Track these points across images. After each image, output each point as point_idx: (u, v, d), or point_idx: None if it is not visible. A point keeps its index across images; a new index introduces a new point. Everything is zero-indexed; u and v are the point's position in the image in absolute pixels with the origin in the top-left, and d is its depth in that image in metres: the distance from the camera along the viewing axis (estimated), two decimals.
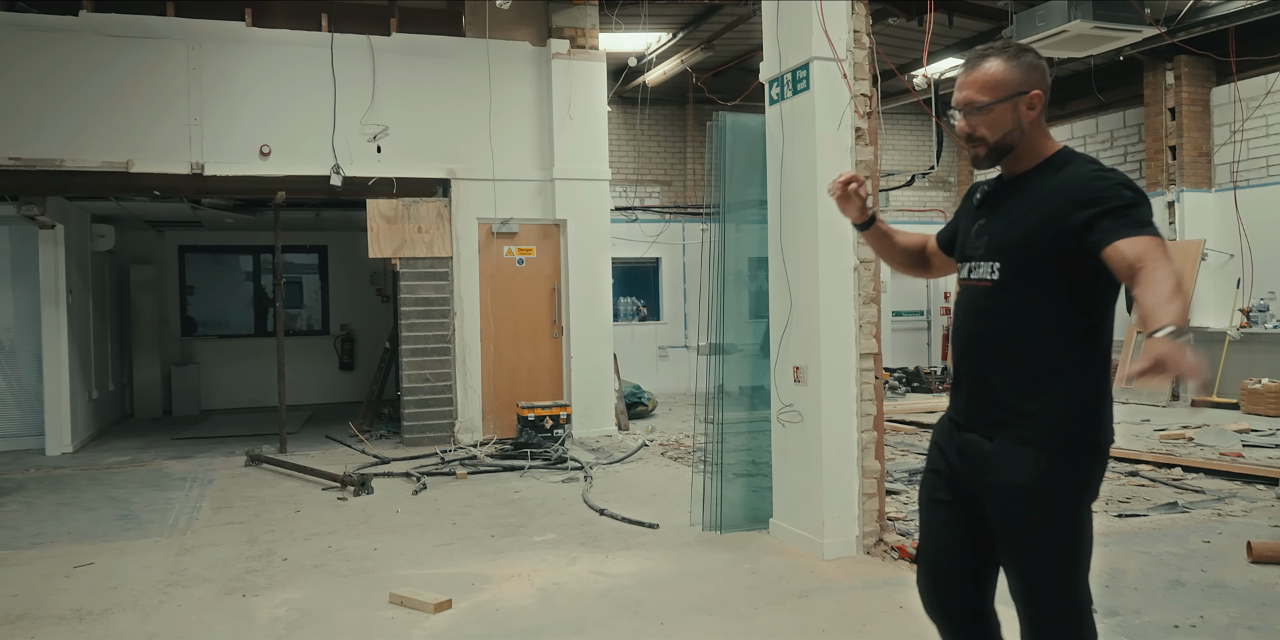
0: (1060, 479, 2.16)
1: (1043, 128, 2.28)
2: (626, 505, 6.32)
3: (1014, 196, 2.28)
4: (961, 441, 2.33)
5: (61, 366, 8.88)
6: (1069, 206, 2.10)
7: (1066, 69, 12.25)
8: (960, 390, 2.37)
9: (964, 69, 2.29)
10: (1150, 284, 1.90)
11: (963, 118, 2.27)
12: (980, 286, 2.30)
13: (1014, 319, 2.22)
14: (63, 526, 6.11)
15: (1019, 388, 2.21)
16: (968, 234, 2.40)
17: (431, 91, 8.94)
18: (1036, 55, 2.28)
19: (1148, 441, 8.41)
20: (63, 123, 8.02)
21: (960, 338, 2.37)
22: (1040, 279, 2.18)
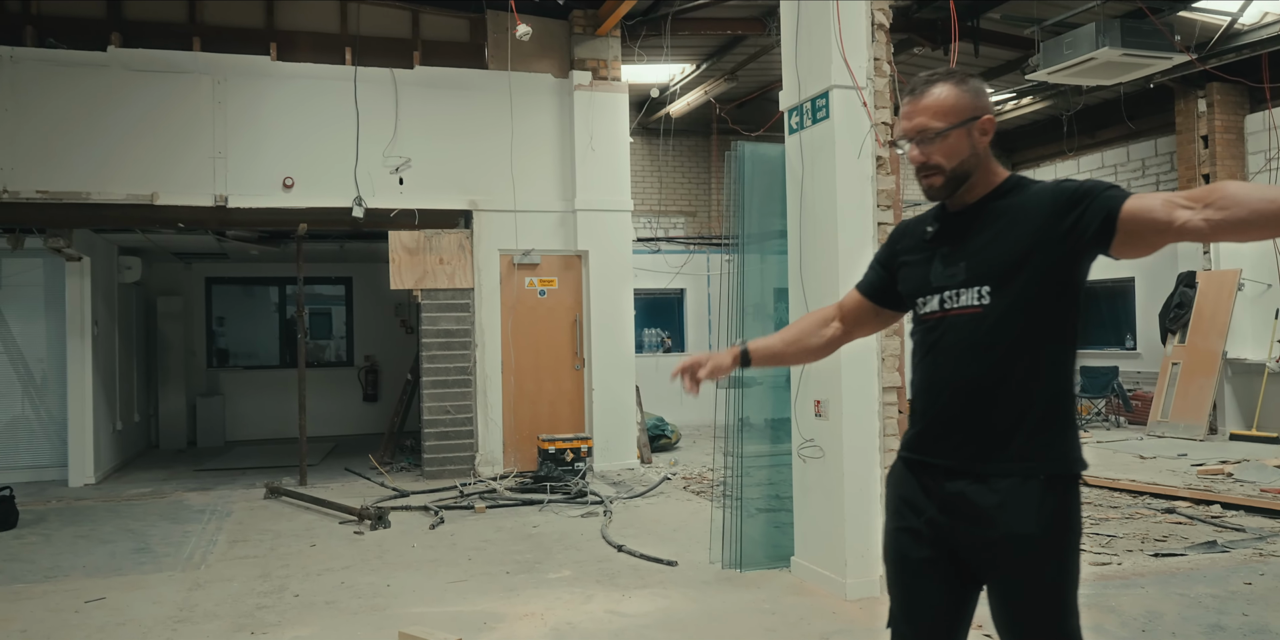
0: (1065, 518, 2.07)
1: (991, 155, 2.19)
2: (645, 541, 6.19)
3: (979, 220, 2.15)
4: (948, 492, 2.13)
5: (85, 397, 8.91)
6: (1051, 216, 2.03)
7: (1096, 97, 12.12)
8: (941, 432, 2.16)
9: (910, 97, 2.18)
10: (1235, 185, 1.84)
11: (915, 147, 2.15)
12: (966, 314, 2.12)
13: (1014, 344, 2.07)
14: (78, 560, 6.07)
15: (1022, 419, 2.07)
16: (925, 268, 2.22)
17: (454, 123, 8.97)
18: (980, 80, 2.21)
19: (1185, 477, 8.18)
20: (89, 156, 8.11)
21: (942, 374, 2.17)
22: (1034, 298, 2.06)
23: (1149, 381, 12.20)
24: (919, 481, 2.21)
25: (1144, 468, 8.74)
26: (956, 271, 2.15)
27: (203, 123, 8.37)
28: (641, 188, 13.45)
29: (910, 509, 2.21)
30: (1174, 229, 1.89)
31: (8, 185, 7.93)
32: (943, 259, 2.19)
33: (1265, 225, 1.79)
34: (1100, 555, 5.63)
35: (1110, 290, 13.41)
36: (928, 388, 2.21)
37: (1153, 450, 9.81)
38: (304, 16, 8.95)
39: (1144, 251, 2.02)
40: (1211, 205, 1.84)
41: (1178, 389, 11.06)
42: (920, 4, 9.51)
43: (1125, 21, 8.05)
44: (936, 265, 2.20)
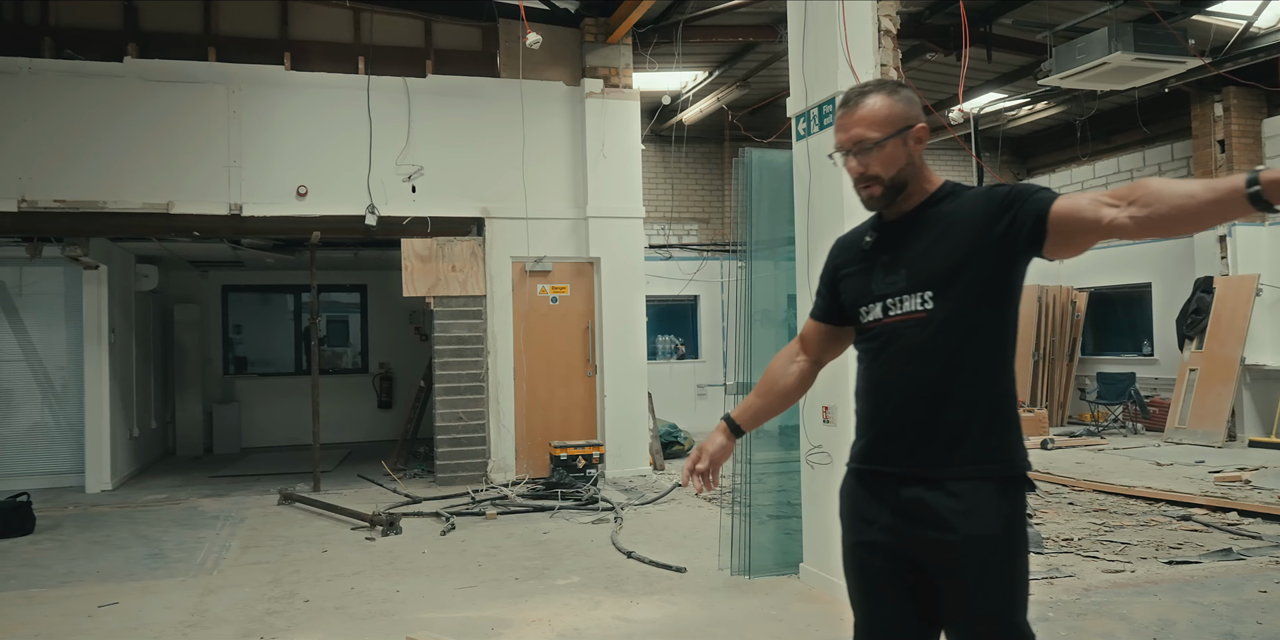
0: (1020, 517, 2.11)
1: (925, 163, 2.23)
2: (655, 547, 6.19)
3: (917, 227, 2.18)
4: (903, 499, 2.13)
5: (102, 404, 8.99)
6: (986, 221, 2.07)
7: (1111, 102, 12.06)
8: (892, 439, 2.17)
9: (844, 108, 2.20)
10: (1157, 181, 1.87)
11: (853, 158, 2.17)
12: (910, 320, 2.14)
13: (959, 348, 2.09)
14: (93, 565, 6.12)
15: (970, 422, 2.09)
16: (866, 277, 2.25)
17: (466, 131, 9.02)
18: (910, 90, 2.23)
19: (1202, 484, 8.12)
20: (105, 166, 8.20)
21: (888, 380, 2.18)
22: (975, 299, 2.09)
23: (1166, 388, 12.11)
24: (870, 491, 2.21)
25: (1160, 475, 8.67)
26: (898, 279, 2.17)
27: (217, 132, 8.45)
28: (655, 194, 13.47)
29: (864, 521, 2.22)
30: (1102, 227, 1.93)
31: (26, 194, 8.02)
32: (883, 267, 2.21)
33: (1186, 220, 1.84)
34: (1114, 563, 5.58)
35: (1127, 296, 13.32)
36: (875, 394, 2.22)
37: (1170, 457, 9.73)
38: (317, 26, 9.03)
39: (1075, 251, 2.06)
40: (1136, 203, 1.88)
41: (1195, 395, 10.97)
42: (932, 10, 9.50)
43: (1138, 26, 8.01)
44: (878, 274, 2.22)
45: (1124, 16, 8.68)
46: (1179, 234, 1.89)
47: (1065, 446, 10.84)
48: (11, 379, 9.38)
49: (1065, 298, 13.45)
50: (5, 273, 9.30)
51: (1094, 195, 1.96)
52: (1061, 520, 6.86)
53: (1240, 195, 1.71)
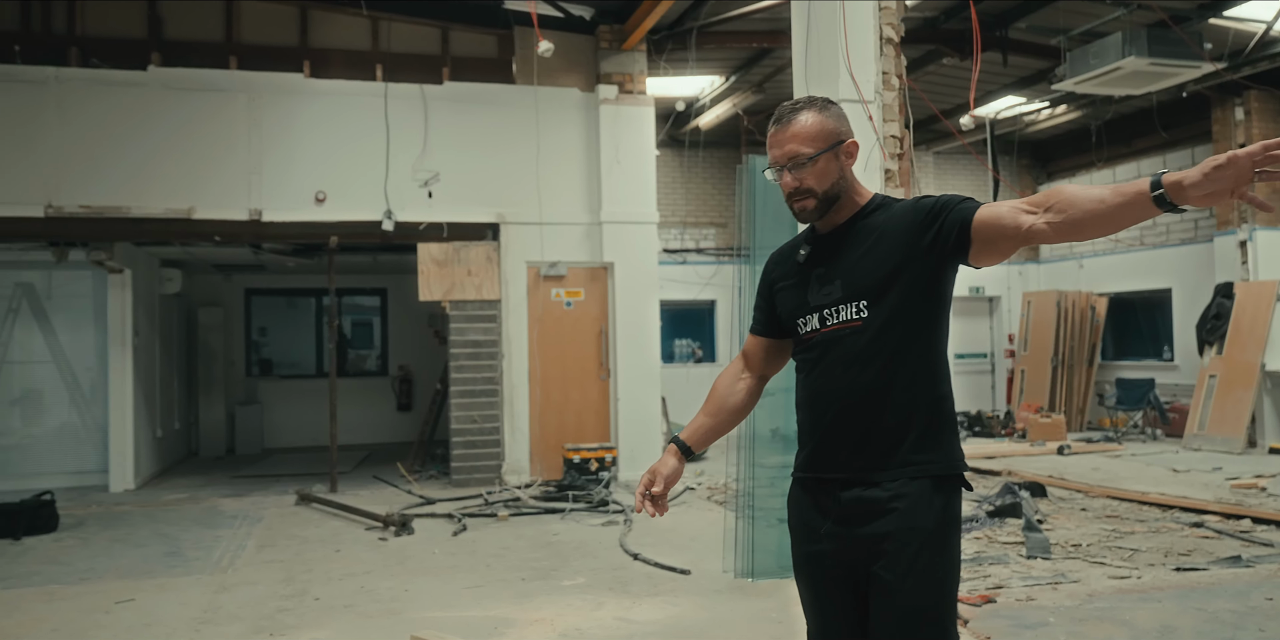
0: (952, 515, 2.17)
1: (855, 177, 2.31)
2: (662, 550, 6.25)
3: (849, 239, 2.26)
4: (844, 501, 2.20)
5: (126, 405, 9.17)
6: (914, 229, 2.15)
7: (1130, 106, 12.00)
8: (832, 446, 2.23)
9: (777, 125, 2.26)
10: (1071, 187, 1.94)
11: (787, 173, 2.23)
12: (846, 329, 2.21)
13: (894, 354, 2.17)
14: (112, 562, 6.26)
15: (908, 426, 2.17)
16: (803, 289, 2.31)
17: (481, 137, 9.13)
18: (839, 106, 2.31)
19: (1217, 491, 8.07)
20: (129, 172, 8.37)
21: (826, 389, 2.24)
22: (908, 307, 2.17)
23: (1186, 394, 12.02)
24: (813, 499, 2.27)
25: (1176, 481, 8.63)
26: (833, 289, 2.24)
27: (238, 139, 8.60)
28: (671, 199, 13.53)
29: (809, 530, 2.27)
30: (1021, 234, 2.01)
31: (52, 200, 8.21)
32: (818, 279, 2.27)
33: (1098, 224, 1.92)
34: (1120, 568, 5.58)
35: (1148, 301, 13.24)
36: (814, 403, 2.27)
37: (1187, 463, 9.67)
38: (337, 35, 9.17)
39: (998, 257, 2.13)
40: (1051, 209, 1.96)
41: (1215, 401, 10.89)
42: (947, 15, 9.52)
43: (1152, 30, 8.00)
44: (813, 285, 2.28)
45: (1139, 21, 8.66)
46: (1094, 237, 1.97)
47: (1082, 452, 10.79)
48: (41, 380, 9.59)
49: (1085, 303, 13.38)
50: (34, 276, 9.51)
51: (1013, 203, 2.04)
52: (1072, 526, 6.86)
53: (1146, 198, 1.78)
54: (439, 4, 9.35)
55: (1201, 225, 12.24)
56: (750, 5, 8.75)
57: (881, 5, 4.80)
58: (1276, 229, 11.12)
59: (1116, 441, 11.60)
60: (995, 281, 14.65)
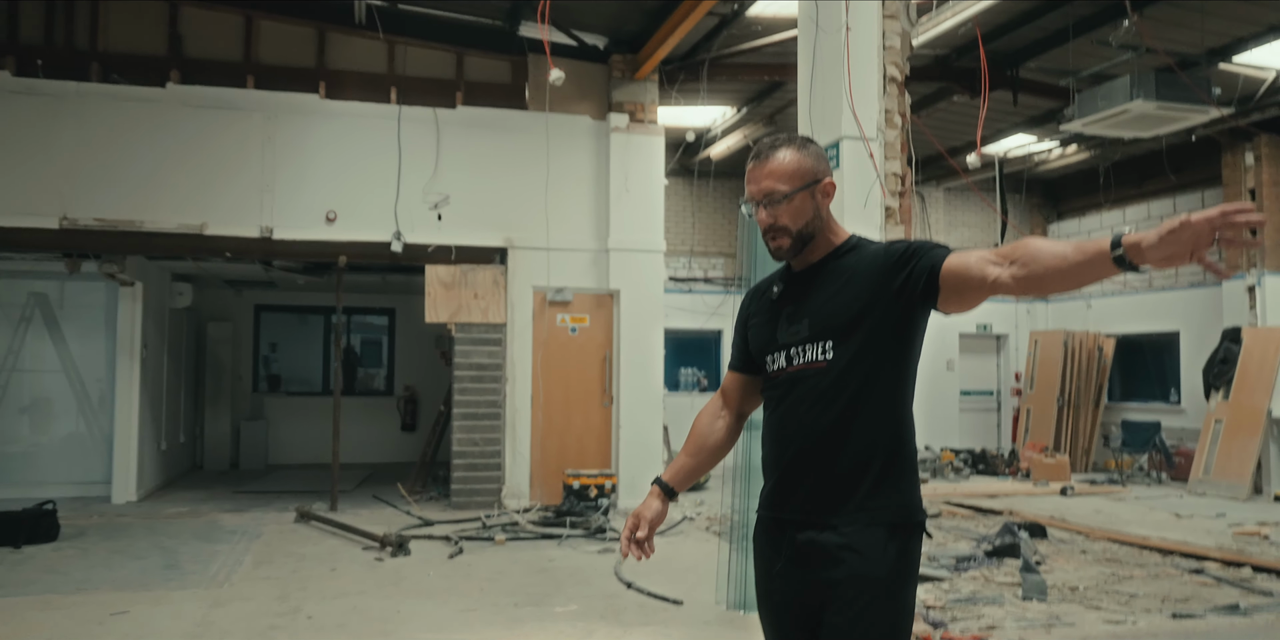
0: (906, 563, 2.15)
1: (832, 216, 2.30)
2: (657, 579, 6.23)
3: (820, 279, 2.25)
4: (799, 543, 2.17)
5: (131, 417, 9.24)
6: (884, 273, 2.14)
7: (1142, 147, 12.03)
8: (790, 485, 2.22)
9: (755, 161, 2.26)
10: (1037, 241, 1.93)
11: (762, 209, 2.23)
12: (811, 369, 2.20)
13: (856, 397, 2.15)
14: (110, 573, 6.29)
15: (866, 469, 2.15)
16: (773, 327, 2.31)
17: (492, 162, 9.23)
18: (818, 145, 2.31)
19: (1219, 537, 8.01)
20: (143, 186, 8.50)
21: (788, 427, 2.23)
22: (873, 351, 2.16)
23: (1192, 438, 11.95)
24: (770, 538, 2.27)
25: (1179, 526, 8.57)
26: (800, 328, 2.23)
27: (252, 157, 8.73)
28: (680, 228, 13.61)
29: (767, 567, 2.26)
30: (987, 284, 1.99)
31: (67, 212, 8.33)
32: (788, 317, 2.27)
33: (1058, 281, 1.91)
34: (1116, 614, 5.55)
35: (1155, 344, 13.21)
36: (776, 442, 2.26)
37: (1191, 509, 9.60)
38: (353, 57, 9.33)
39: (966, 306, 2.12)
40: (1016, 262, 1.94)
41: (1220, 447, 10.83)
42: (958, 53, 9.60)
43: (1161, 74, 8.04)
44: (782, 323, 2.28)
45: (1148, 64, 8.72)
46: (1057, 292, 1.98)
47: (1085, 494, 10.73)
48: (50, 389, 9.66)
49: (1092, 343, 13.35)
50: (48, 286, 9.62)
51: (982, 253, 2.03)
52: (1071, 569, 6.81)
53: (1106, 257, 1.78)
54: (455, 29, 9.52)
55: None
56: (761, 39, 8.86)
57: (885, 45, 4.87)
58: None
59: (1121, 484, 11.53)
60: (1003, 319, 14.65)
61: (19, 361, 9.54)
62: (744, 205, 2.31)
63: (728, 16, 8.64)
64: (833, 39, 4.89)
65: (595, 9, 8.92)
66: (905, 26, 5.09)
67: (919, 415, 2.32)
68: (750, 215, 2.29)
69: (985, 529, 8.17)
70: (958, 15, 7.72)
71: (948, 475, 12.20)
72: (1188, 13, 8.19)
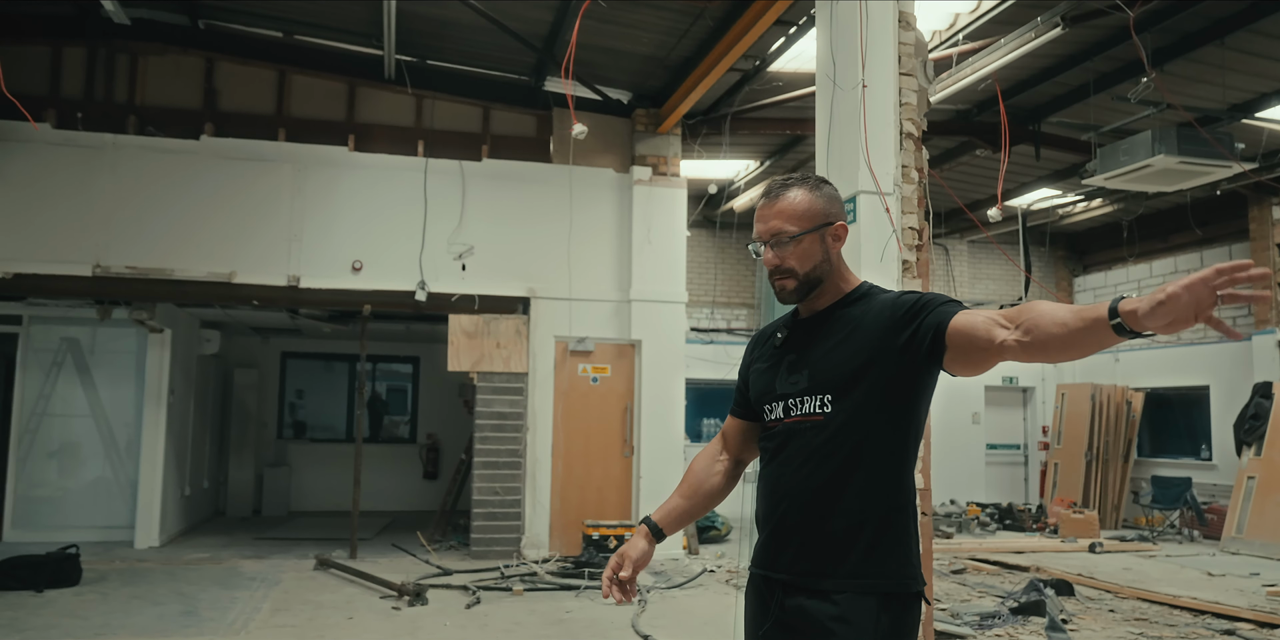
0: (898, 636, 2.03)
1: (844, 261, 2.21)
2: (675, 632, 6.17)
3: (825, 328, 2.15)
4: (787, 607, 2.07)
5: (156, 462, 9.32)
6: (890, 326, 2.04)
7: (1167, 201, 12.02)
8: (780, 544, 2.12)
9: (765, 199, 2.18)
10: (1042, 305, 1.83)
11: (769, 250, 2.14)
12: (807, 422, 2.10)
13: (853, 455, 2.05)
14: (128, 619, 6.31)
15: (859, 532, 2.04)
16: (773, 375, 2.21)
17: (516, 213, 9.37)
18: (833, 187, 2.22)
19: (1252, 597, 7.81)
20: (175, 235, 8.69)
21: (782, 483, 2.13)
22: (873, 408, 2.05)
23: (1225, 494, 11.72)
24: (759, 597, 2.17)
25: (1210, 586, 8.37)
26: (799, 379, 2.13)
27: (281, 207, 8.91)
28: (703, 279, 13.68)
29: (754, 627, 2.18)
30: (994, 347, 1.88)
31: (100, 260, 8.52)
32: (789, 366, 2.17)
33: (1061, 348, 1.79)
34: None
35: (1185, 398, 13.03)
36: (769, 496, 2.17)
37: (1223, 568, 9.38)
38: (381, 110, 9.55)
39: (972, 369, 1.99)
40: (1020, 327, 1.84)
41: (1254, 504, 10.60)
42: (980, 108, 9.69)
43: (1183, 129, 8.05)
44: (783, 372, 2.18)
45: (1170, 119, 8.76)
46: (1063, 360, 1.86)
47: (1115, 551, 10.52)
48: (79, 434, 9.77)
49: (1120, 397, 13.19)
50: (80, 332, 9.79)
51: (991, 314, 1.92)
52: (1098, 628, 6.67)
53: (1105, 325, 1.68)
54: (481, 84, 9.74)
55: (1240, 323, 12.11)
56: (783, 94, 8.99)
57: (902, 102, 4.94)
58: None
59: (1151, 541, 11.30)
60: (1029, 372, 14.52)
61: (49, 406, 9.67)
62: (751, 245, 2.22)
63: (749, 72, 8.79)
64: (849, 96, 4.97)
65: (619, 65, 9.11)
66: (922, 83, 5.17)
67: (944, 469, 2.24)
68: (757, 255, 2.19)
69: (1011, 586, 8.02)
70: (978, 72, 7.81)
71: (973, 530, 12.01)
72: (1208, 69, 8.25)
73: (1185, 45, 7.88)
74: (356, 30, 9.02)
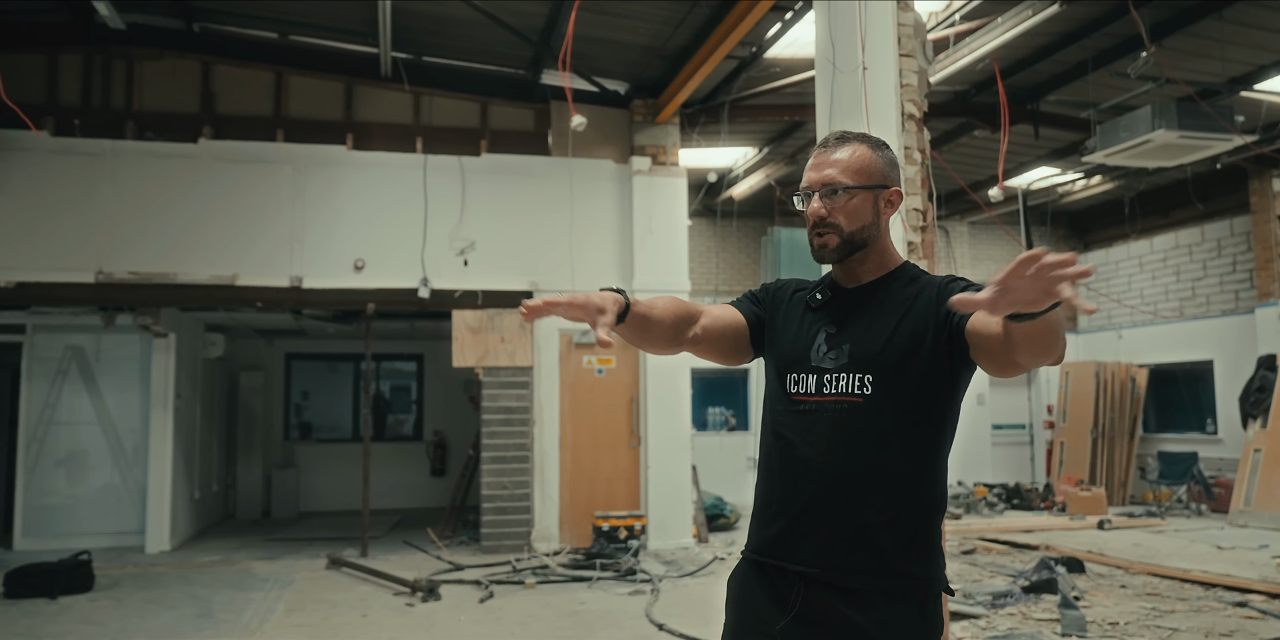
0: (930, 631, 1.94)
1: (890, 236, 2.06)
2: (689, 621, 6.18)
3: (874, 303, 1.99)
4: (810, 605, 1.91)
5: (165, 467, 9.32)
6: (935, 304, 1.91)
7: (1168, 177, 12.01)
8: (803, 533, 1.94)
9: (822, 149, 2.02)
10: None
11: (817, 199, 1.97)
12: (844, 402, 1.94)
13: (891, 442, 1.91)
14: (144, 623, 6.32)
15: (895, 525, 1.90)
16: (806, 342, 2.03)
17: (517, 207, 9.35)
18: (893, 153, 2.07)
19: (1263, 569, 7.83)
20: (177, 239, 8.67)
21: (809, 466, 1.94)
22: (918, 395, 1.92)
23: (1231, 468, 11.74)
24: (770, 589, 1.98)
25: (1220, 559, 8.39)
26: (840, 354, 1.97)
27: (282, 208, 8.90)
28: (705, 268, 13.66)
29: (761, 621, 1.98)
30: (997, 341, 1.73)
31: (103, 266, 8.51)
32: (828, 338, 2.01)
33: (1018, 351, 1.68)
34: None
35: (1189, 373, 13.04)
36: (792, 478, 1.98)
37: (1232, 541, 9.41)
38: (380, 109, 9.52)
39: (993, 367, 1.84)
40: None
41: (1261, 476, 10.62)
42: (977, 89, 9.67)
43: (1182, 104, 8.04)
44: (820, 342, 2.01)
45: (1169, 94, 8.73)
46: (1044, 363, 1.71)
47: (1123, 527, 10.54)
48: (86, 441, 9.77)
49: (1124, 374, 13.19)
50: (84, 339, 9.78)
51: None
52: (1110, 604, 6.69)
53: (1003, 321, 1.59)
54: (479, 80, 9.71)
55: (1243, 296, 12.11)
56: (780, 81, 8.97)
57: (903, 83, 4.92)
58: None
59: (1159, 516, 11.32)
60: None
61: (55, 414, 9.67)
62: (795, 196, 2.02)
63: (746, 59, 8.76)
64: (850, 79, 4.95)
65: (615, 56, 9.08)
66: (922, 64, 5.14)
67: (951, 450, 2.13)
68: (802, 205, 2.01)
69: (1021, 564, 8.04)
70: (975, 52, 7.78)
71: (981, 510, 12.03)
72: (1206, 43, 8.22)
73: (1183, 19, 7.85)
74: (352, 29, 8.99)
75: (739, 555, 2.09)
